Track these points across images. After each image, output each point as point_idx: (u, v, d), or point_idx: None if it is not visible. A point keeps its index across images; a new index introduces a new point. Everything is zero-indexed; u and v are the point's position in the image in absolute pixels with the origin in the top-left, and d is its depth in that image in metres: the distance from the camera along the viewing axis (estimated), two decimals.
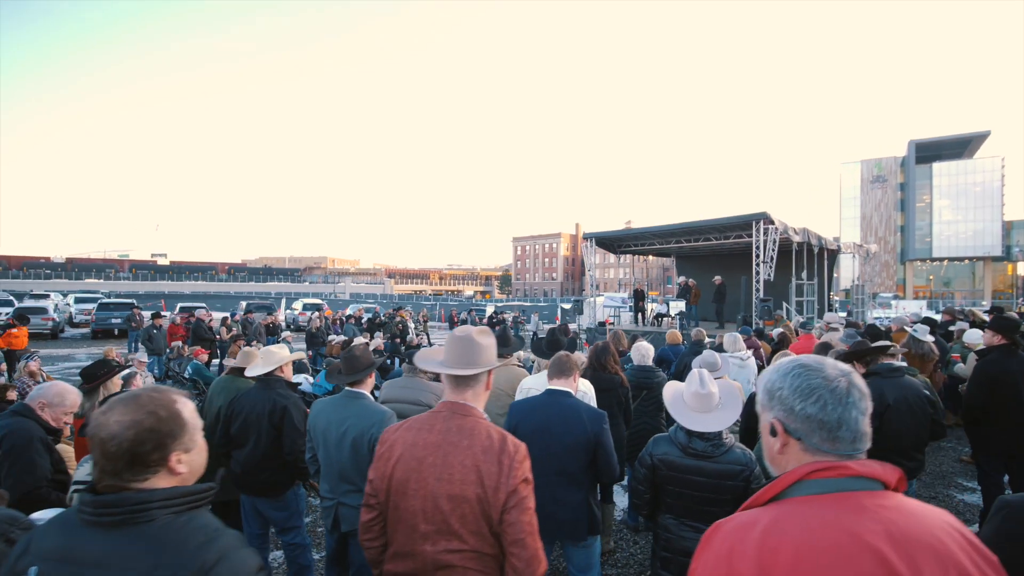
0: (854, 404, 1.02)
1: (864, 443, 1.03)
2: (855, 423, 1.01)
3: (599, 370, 4.07)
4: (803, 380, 1.05)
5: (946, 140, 64.88)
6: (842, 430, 1.01)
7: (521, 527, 1.47)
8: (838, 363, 1.09)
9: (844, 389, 1.03)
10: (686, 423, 2.23)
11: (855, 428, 1.01)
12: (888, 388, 3.13)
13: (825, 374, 1.05)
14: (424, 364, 1.75)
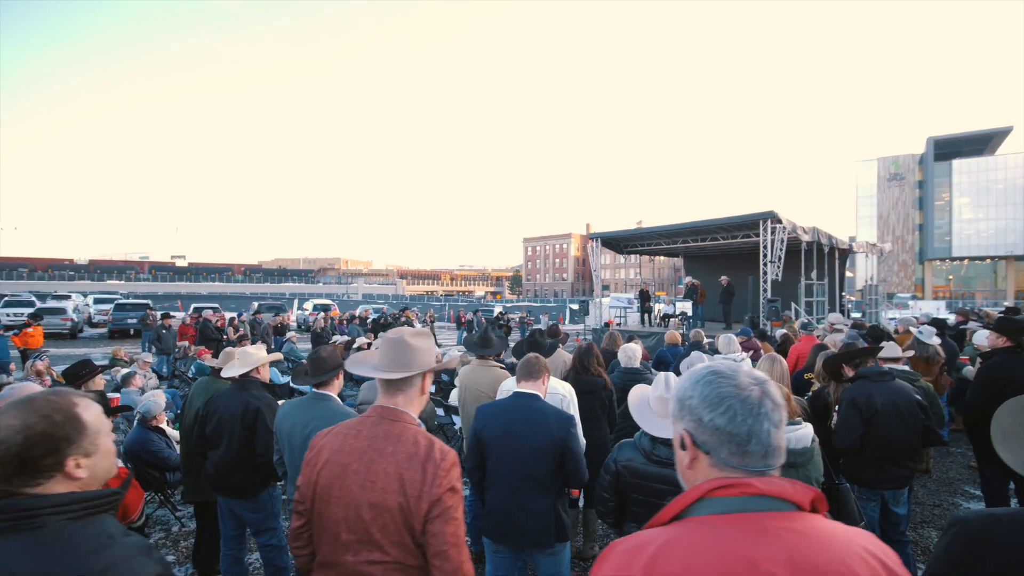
0: (766, 415, 0.93)
1: (777, 458, 0.94)
2: (766, 436, 0.92)
3: (581, 372, 3.98)
4: (713, 388, 0.97)
5: (966, 136, 63.34)
6: (752, 444, 0.92)
7: (444, 538, 1.40)
8: (754, 371, 1.00)
9: (756, 399, 0.94)
10: (649, 428, 2.14)
11: (766, 442, 0.92)
12: (877, 392, 3.00)
13: (737, 382, 0.96)
14: (355, 368, 1.69)
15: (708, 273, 19.75)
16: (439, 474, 1.43)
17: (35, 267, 63.04)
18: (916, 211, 66.35)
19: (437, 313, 35.24)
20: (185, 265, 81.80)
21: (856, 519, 2.35)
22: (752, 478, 0.91)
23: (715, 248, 19.58)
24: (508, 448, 2.51)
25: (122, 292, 42.09)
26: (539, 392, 2.68)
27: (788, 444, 2.34)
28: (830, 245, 16.29)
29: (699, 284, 17.21)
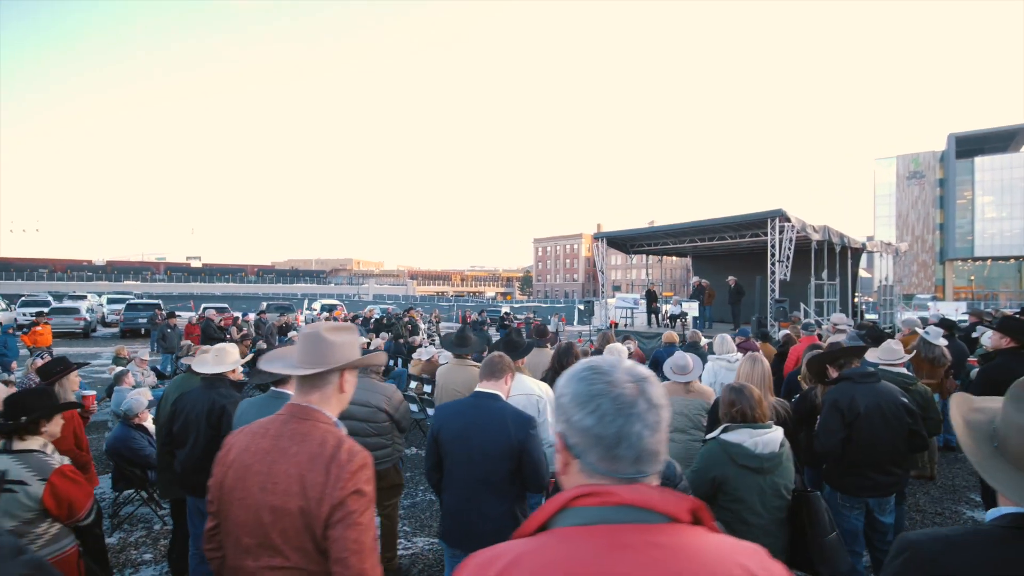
0: (639, 416, 0.83)
1: (651, 464, 0.84)
2: (638, 439, 0.82)
3: (559, 372, 3.87)
4: (585, 386, 0.87)
5: (989, 133, 61.75)
6: (621, 447, 0.82)
7: (345, 544, 1.31)
8: (637, 367, 0.90)
9: (629, 398, 0.84)
10: None
11: (638, 445, 0.82)
12: (860, 395, 2.84)
13: (611, 378, 0.86)
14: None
15: (717, 273, 19.46)
16: (343, 476, 1.34)
17: (55, 268, 64.45)
18: (937, 210, 64.90)
19: (445, 314, 35.28)
20: (199, 266, 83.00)
21: (827, 528, 2.21)
22: (618, 486, 0.81)
23: (724, 248, 19.29)
24: (464, 449, 2.42)
25: (135, 292, 42.80)
26: (500, 392, 2.58)
27: (754, 449, 2.22)
28: (842, 244, 15.94)
29: (708, 284, 16.96)
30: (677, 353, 4.17)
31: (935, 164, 65.05)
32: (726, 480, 2.25)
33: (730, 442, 2.28)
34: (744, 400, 2.34)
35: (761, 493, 2.24)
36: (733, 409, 2.36)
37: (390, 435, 3.68)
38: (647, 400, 0.84)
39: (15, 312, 23.43)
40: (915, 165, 66.26)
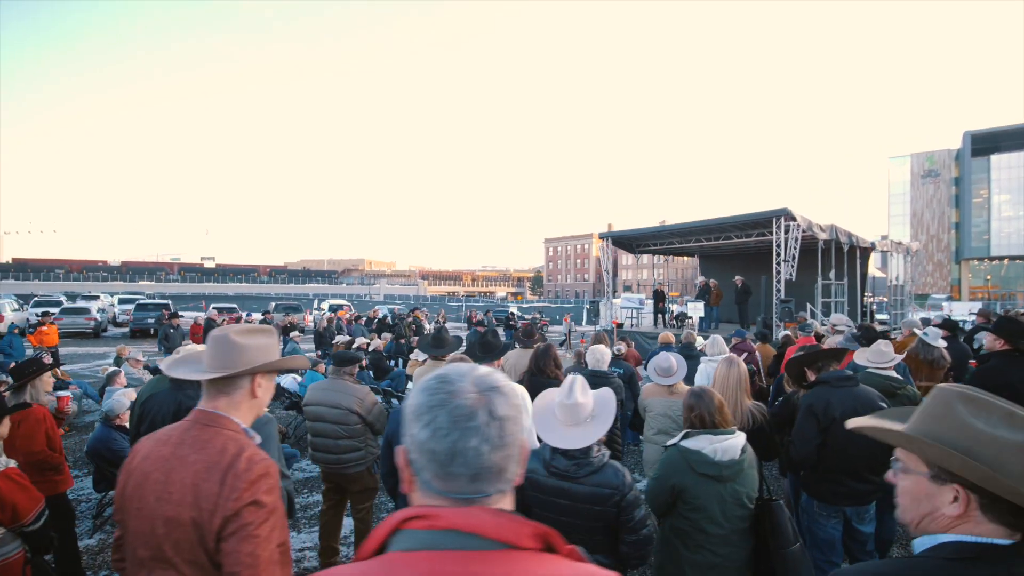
0: (477, 430, 0.75)
1: (492, 483, 0.76)
2: (475, 455, 0.74)
3: (536, 374, 3.80)
4: (426, 396, 0.79)
5: (1006, 130, 60.38)
6: (455, 464, 0.74)
7: (238, 558, 1.24)
8: (491, 376, 0.82)
9: (467, 409, 0.76)
10: (547, 437, 1.95)
11: (475, 463, 0.74)
12: (836, 399, 2.72)
13: (454, 388, 0.78)
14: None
15: (724, 273, 19.22)
16: (238, 486, 1.28)
17: (71, 268, 65.54)
18: (952, 209, 63.68)
19: (454, 314, 35.26)
20: (213, 266, 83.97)
21: (790, 539, 2.11)
22: (447, 508, 0.74)
23: (731, 247, 19.06)
24: None
25: (146, 293, 43.38)
26: None
27: (714, 456, 2.12)
28: (850, 243, 15.63)
29: (714, 284, 16.76)
30: (661, 354, 4.07)
31: (950, 162, 63.82)
32: (685, 488, 2.15)
33: (689, 449, 2.19)
34: (703, 405, 2.25)
35: (721, 502, 2.14)
36: (692, 414, 2.27)
37: (363, 437, 3.63)
38: (489, 412, 0.76)
39: (28, 312, 23.86)
40: (930, 163, 65.06)
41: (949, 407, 1.00)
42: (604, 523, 1.92)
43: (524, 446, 0.82)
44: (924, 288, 63.28)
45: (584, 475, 1.91)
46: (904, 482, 1.07)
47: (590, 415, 1.96)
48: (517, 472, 0.80)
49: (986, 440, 0.97)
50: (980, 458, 0.95)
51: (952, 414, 0.99)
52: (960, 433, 0.99)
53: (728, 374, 3.09)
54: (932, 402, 1.04)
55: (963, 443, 0.99)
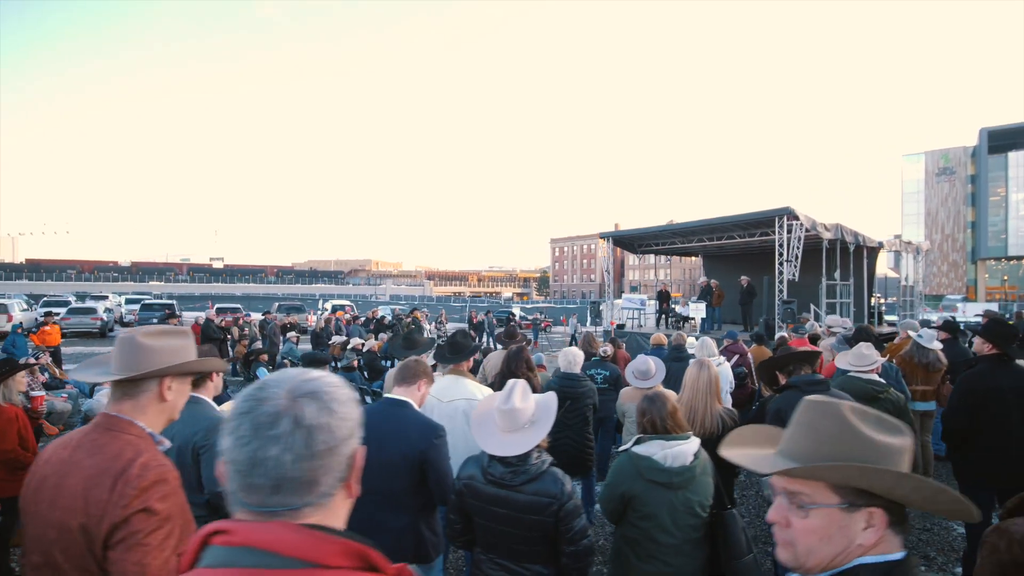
0: (278, 438, 0.70)
1: (301, 495, 0.71)
2: (276, 465, 0.69)
3: (508, 376, 3.72)
4: (239, 403, 0.75)
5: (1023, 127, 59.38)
6: (255, 474, 0.69)
7: (125, 568, 1.20)
8: (320, 380, 0.77)
9: (270, 416, 0.71)
10: (482, 444, 1.89)
11: (276, 472, 0.69)
12: None
13: (266, 394, 0.73)
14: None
15: (728, 273, 19.03)
16: (128, 493, 1.23)
17: (82, 268, 66.50)
18: (968, 207, 62.59)
19: (457, 314, 35.25)
20: (221, 267, 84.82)
21: (744, 550, 2.03)
22: (247, 523, 0.69)
23: (735, 248, 18.88)
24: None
25: (153, 293, 43.89)
26: (412, 399, 2.45)
27: (664, 462, 2.05)
28: (856, 243, 15.38)
29: (716, 284, 16.59)
30: (639, 357, 4.00)
31: (966, 160, 62.74)
32: (635, 495, 2.08)
33: (639, 455, 2.11)
34: (655, 409, 2.17)
35: (672, 510, 2.06)
36: (644, 419, 2.19)
37: None
38: (295, 419, 0.71)
39: (36, 312, 24.21)
40: (945, 161, 64.02)
41: (845, 422, 0.92)
42: (542, 533, 1.85)
43: (345, 456, 0.76)
44: (939, 289, 62.29)
45: (521, 483, 1.85)
46: (808, 521, 0.91)
47: (529, 421, 1.90)
48: (339, 484, 0.75)
49: (884, 449, 0.91)
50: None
51: (851, 429, 0.92)
52: (866, 448, 0.91)
53: (698, 377, 3.01)
54: (821, 419, 0.94)
55: (874, 458, 0.92)
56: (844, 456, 0.90)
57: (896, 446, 0.91)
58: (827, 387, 2.71)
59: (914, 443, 0.97)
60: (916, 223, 64.97)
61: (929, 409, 5.49)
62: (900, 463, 0.90)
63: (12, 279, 58.06)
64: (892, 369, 4.90)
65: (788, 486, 0.92)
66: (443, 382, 3.35)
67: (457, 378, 3.31)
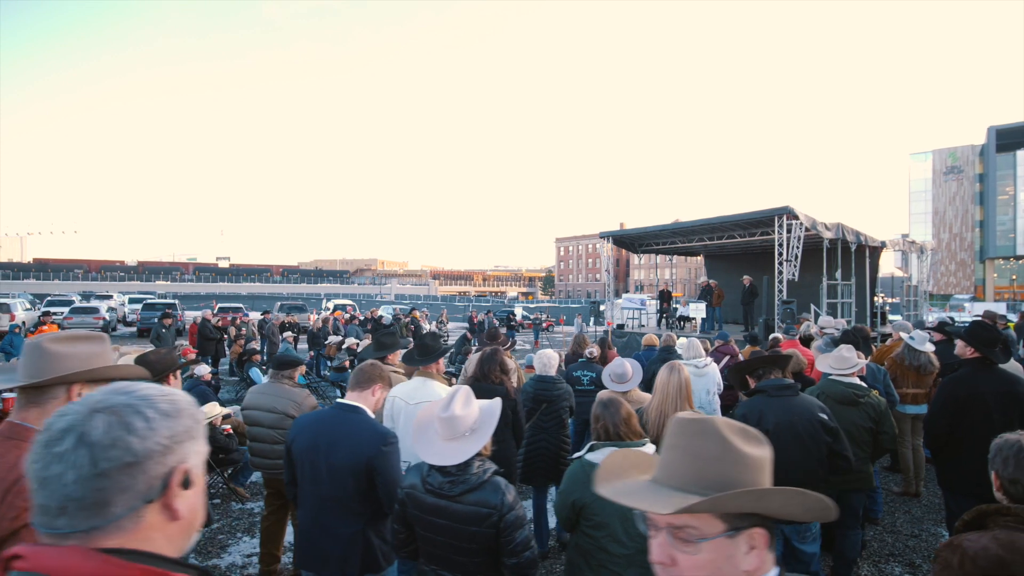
0: (62, 456, 0.66)
1: (88, 517, 0.66)
2: (58, 484, 0.65)
3: (480, 380, 3.66)
4: (49, 417, 0.71)
5: None
6: (43, 495, 0.66)
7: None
8: (137, 391, 0.73)
9: (59, 432, 0.67)
10: (420, 452, 1.83)
11: (60, 492, 0.65)
12: (770, 410, 2.55)
13: (70, 408, 0.71)
14: None
15: (730, 273, 18.91)
16: (17, 504, 1.19)
17: (89, 268, 67.04)
18: (976, 206, 61.89)
19: (460, 314, 35.20)
20: (227, 267, 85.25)
21: None
22: (42, 547, 0.65)
23: (737, 247, 18.74)
24: (312, 464, 2.25)
25: (157, 292, 44.14)
26: (365, 404, 2.39)
27: None
28: (858, 242, 15.20)
29: (716, 284, 16.46)
30: (615, 360, 3.92)
31: (974, 158, 62.03)
32: (586, 504, 2.01)
33: (591, 462, 2.05)
34: (608, 415, 2.10)
35: (624, 520, 1.99)
36: (598, 425, 2.13)
37: None
38: (80, 436, 0.66)
39: (39, 311, 24.38)
40: (952, 160, 63.33)
41: (725, 442, 0.86)
42: (483, 544, 1.79)
43: (155, 474, 0.70)
44: (947, 288, 61.67)
45: (459, 493, 1.78)
46: (698, 556, 0.82)
47: (471, 428, 1.83)
48: (144, 505, 0.69)
49: (758, 463, 0.87)
50: (743, 481, 0.84)
51: (732, 448, 0.85)
52: (746, 466, 0.86)
53: (668, 381, 2.93)
54: (699, 441, 0.87)
55: (752, 475, 0.86)
56: (729, 478, 0.83)
57: (765, 458, 0.88)
58: (795, 391, 2.62)
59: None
60: (924, 222, 64.37)
61: (921, 412, 5.37)
62: (767, 474, 0.88)
63: (20, 278, 58.60)
64: (879, 371, 4.80)
65: (674, 521, 0.83)
66: (411, 384, 3.30)
67: (425, 380, 3.26)
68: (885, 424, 3.45)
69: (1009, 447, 1.62)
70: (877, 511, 4.61)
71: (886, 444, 3.47)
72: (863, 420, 3.44)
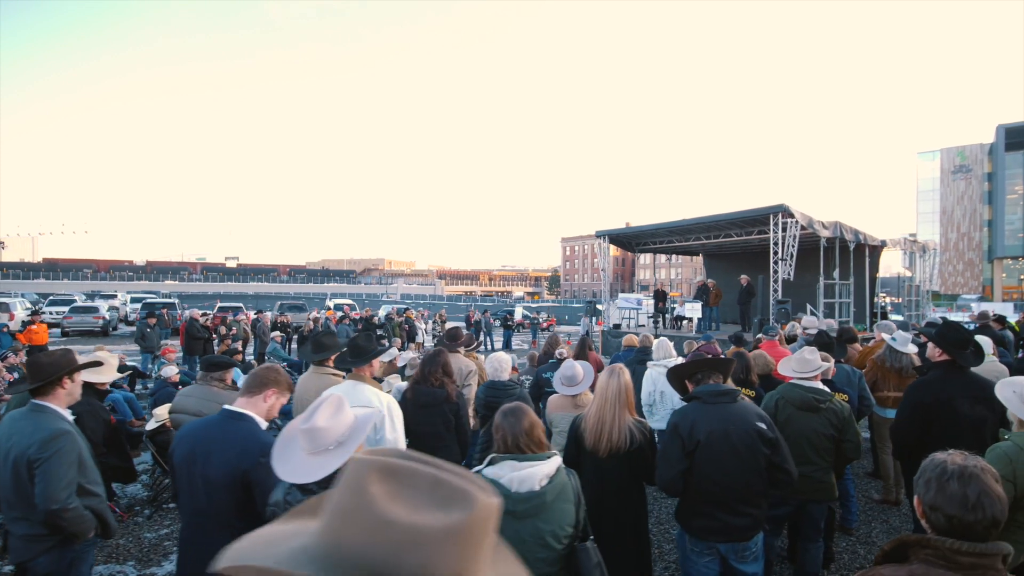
0: None
1: None
2: None
3: (420, 383, 3.48)
4: None
5: None
6: None
7: None
8: None
9: None
10: (277, 468, 1.65)
11: None
12: (704, 418, 2.33)
13: None
14: None
15: (728, 272, 18.62)
16: None
17: (98, 268, 67.58)
18: (984, 206, 60.95)
19: (463, 313, 34.97)
20: (234, 266, 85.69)
21: None
22: None
23: (736, 246, 18.46)
24: (188, 475, 2.07)
25: (162, 292, 44.33)
26: (254, 411, 2.21)
27: (510, 487, 1.80)
28: (856, 241, 14.86)
29: (713, 284, 16.20)
30: (566, 362, 3.72)
31: (983, 157, 61.07)
32: None
33: (487, 477, 1.86)
34: (507, 425, 1.91)
35: (520, 542, 1.81)
36: (498, 435, 1.93)
37: None
38: None
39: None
40: (961, 159, 62.38)
41: (362, 493, 0.57)
42: None
43: None
44: (955, 288, 60.80)
45: None
46: None
47: (337, 441, 1.65)
48: None
49: (416, 535, 0.55)
50: (403, 567, 0.57)
51: (367, 504, 0.57)
52: (388, 532, 0.55)
53: (607, 385, 2.73)
54: (340, 487, 0.60)
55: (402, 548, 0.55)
56: (362, 544, 0.56)
57: (438, 530, 0.56)
58: (733, 398, 2.40)
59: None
60: (931, 221, 63.50)
61: None
62: (442, 553, 0.55)
63: (30, 278, 59.16)
64: (855, 374, 4.57)
65: None
66: (340, 389, 3.12)
67: (355, 384, 3.07)
68: (848, 432, 3.23)
69: (933, 468, 1.39)
70: (852, 520, 4.39)
71: (849, 453, 3.25)
72: (824, 427, 3.22)
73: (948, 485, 1.30)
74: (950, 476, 1.31)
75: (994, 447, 2.27)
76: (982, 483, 1.28)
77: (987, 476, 1.30)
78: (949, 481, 1.30)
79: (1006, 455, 2.18)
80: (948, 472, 1.32)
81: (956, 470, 1.31)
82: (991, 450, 2.26)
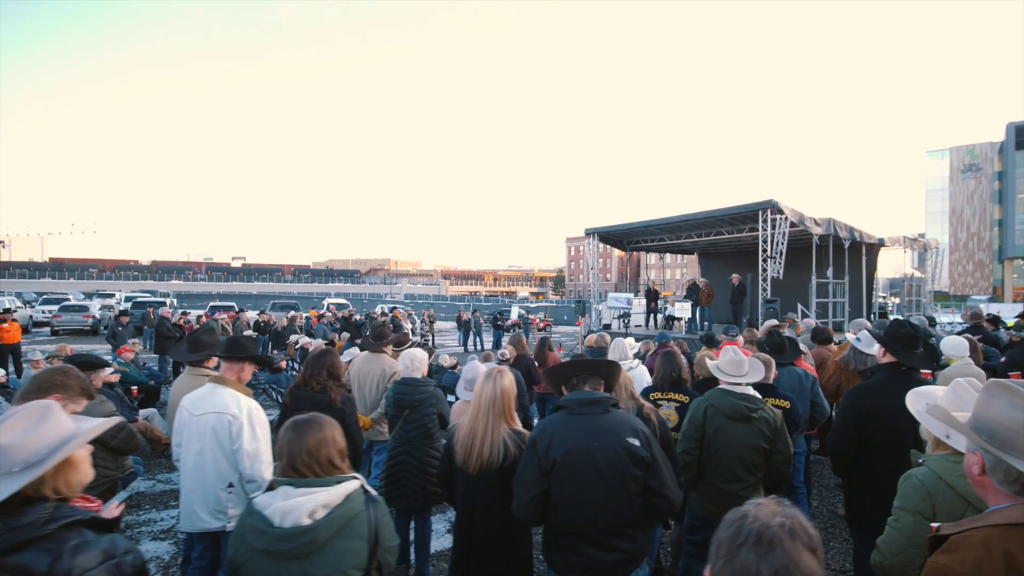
0: None
1: None
2: None
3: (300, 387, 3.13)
4: None
5: None
6: None
7: None
8: None
9: None
10: None
11: None
12: (563, 433, 1.94)
13: None
14: None
15: (723, 271, 18.16)
16: None
17: (103, 267, 68.03)
18: (995, 205, 59.67)
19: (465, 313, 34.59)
20: (239, 266, 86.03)
21: None
22: None
23: (730, 244, 17.99)
24: None
25: (160, 291, 44.42)
26: None
27: (272, 520, 1.44)
28: (851, 239, 14.34)
29: (704, 283, 15.77)
30: (469, 364, 3.36)
31: (993, 156, 59.81)
32: (240, 566, 1.46)
33: (254, 508, 1.50)
34: (287, 440, 1.56)
35: None
36: (282, 458, 1.57)
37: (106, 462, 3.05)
38: None
39: (34, 310, 24.51)
40: (970, 157, 61.16)
41: None
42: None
43: None
44: (964, 289, 59.65)
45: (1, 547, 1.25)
46: None
47: (27, 461, 1.30)
48: None
49: None
50: None
51: None
52: None
53: (482, 391, 2.36)
54: None
55: None
56: None
57: None
58: (604, 407, 2.00)
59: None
60: (940, 221, 62.37)
61: None
62: None
63: (36, 277, 59.63)
64: (807, 378, 4.17)
65: None
66: (200, 392, 2.79)
67: (215, 387, 2.74)
68: (779, 443, 2.84)
69: (727, 525, 0.92)
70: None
71: (779, 466, 2.86)
72: (755, 439, 2.84)
73: (739, 553, 0.87)
74: (744, 539, 0.88)
75: (907, 475, 1.87)
76: (786, 554, 0.85)
77: (796, 543, 0.86)
78: (742, 548, 0.87)
79: (923, 486, 1.77)
80: (744, 533, 0.89)
81: (754, 531, 0.88)
82: (904, 479, 1.86)
